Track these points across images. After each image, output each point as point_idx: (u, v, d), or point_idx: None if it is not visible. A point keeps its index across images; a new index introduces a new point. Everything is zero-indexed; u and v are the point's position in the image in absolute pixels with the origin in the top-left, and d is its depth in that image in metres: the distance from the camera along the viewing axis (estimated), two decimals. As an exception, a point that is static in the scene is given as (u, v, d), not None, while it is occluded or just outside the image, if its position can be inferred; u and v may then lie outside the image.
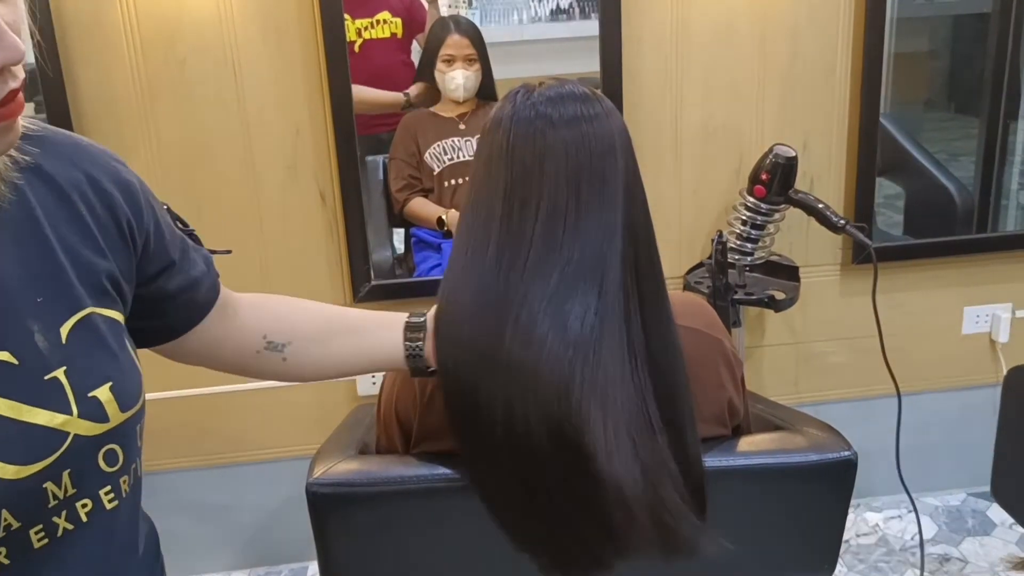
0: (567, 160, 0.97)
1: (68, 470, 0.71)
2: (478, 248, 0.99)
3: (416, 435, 1.12)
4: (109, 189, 0.79)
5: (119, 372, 0.76)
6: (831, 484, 1.10)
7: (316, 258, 2.02)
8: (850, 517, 2.29)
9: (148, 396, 1.50)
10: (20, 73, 0.64)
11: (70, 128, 1.83)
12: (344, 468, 1.09)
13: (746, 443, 1.12)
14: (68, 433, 0.71)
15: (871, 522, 2.30)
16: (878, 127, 2.06)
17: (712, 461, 1.07)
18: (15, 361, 0.69)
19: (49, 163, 0.76)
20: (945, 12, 2.53)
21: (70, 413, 0.71)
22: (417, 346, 1.01)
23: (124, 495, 0.78)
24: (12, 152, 0.72)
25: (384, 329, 1.03)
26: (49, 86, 1.81)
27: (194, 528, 2.21)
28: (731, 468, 1.08)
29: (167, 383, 2.07)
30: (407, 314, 1.03)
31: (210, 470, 2.17)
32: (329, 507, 1.07)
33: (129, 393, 0.76)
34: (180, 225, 0.95)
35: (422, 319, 1.02)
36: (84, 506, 0.74)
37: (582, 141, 0.97)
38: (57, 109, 1.82)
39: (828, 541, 1.14)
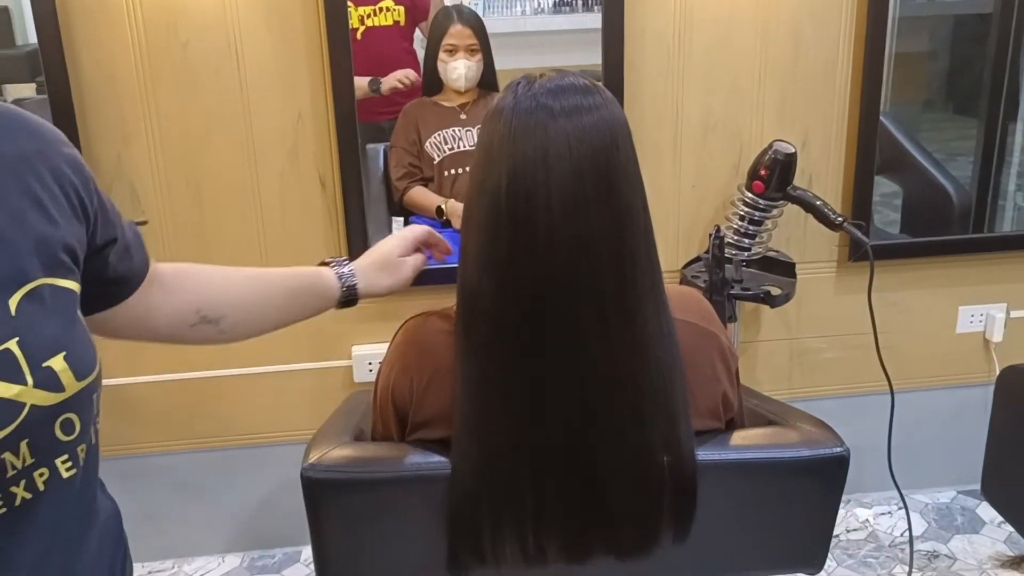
0: (569, 151, 0.97)
1: (26, 440, 0.72)
2: (489, 240, 1.00)
3: (412, 423, 1.13)
4: (57, 162, 0.80)
5: (72, 342, 0.76)
6: (822, 480, 1.11)
7: (315, 244, 2.03)
8: (840, 512, 2.31)
9: (145, 379, 1.51)
10: None
11: (71, 110, 1.83)
12: (339, 454, 1.10)
13: (739, 437, 1.12)
14: (24, 404, 0.71)
15: (861, 518, 2.31)
16: (878, 126, 2.07)
17: (705, 454, 1.08)
18: None
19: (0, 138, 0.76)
20: (946, 12, 2.53)
21: (24, 383, 0.71)
22: (348, 274, 1.17)
23: (81, 463, 0.78)
24: None
25: (310, 275, 1.14)
26: (51, 68, 1.81)
27: (189, 511, 2.22)
28: (723, 462, 1.09)
29: (162, 366, 2.07)
30: (326, 264, 1.17)
31: (205, 453, 2.17)
32: (324, 493, 1.08)
33: (84, 362, 0.76)
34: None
35: (344, 266, 1.17)
36: (41, 475, 0.74)
37: (583, 132, 0.98)
38: (59, 91, 1.82)
39: (818, 536, 1.15)
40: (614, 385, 1.02)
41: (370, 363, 2.10)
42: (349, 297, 1.18)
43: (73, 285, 0.79)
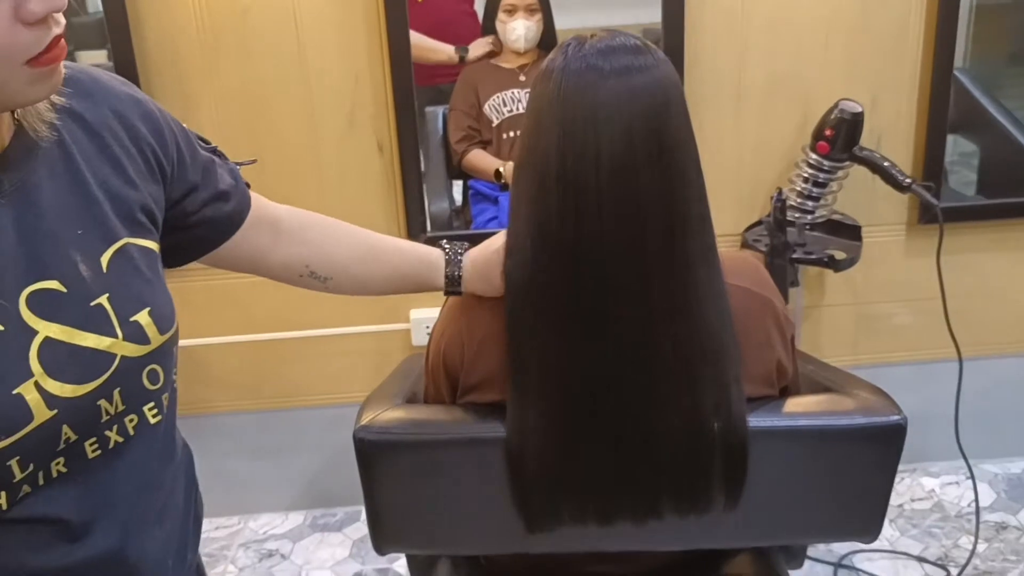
0: (619, 112, 0.96)
1: (118, 388, 0.77)
2: (538, 202, 0.99)
3: (463, 386, 1.14)
4: (134, 122, 0.83)
5: (155, 298, 0.81)
6: (878, 448, 1.09)
7: (373, 208, 2.04)
8: (906, 482, 2.26)
9: (211, 340, 1.56)
10: (62, 20, 0.67)
11: (136, 77, 1.87)
12: (390, 417, 1.11)
13: (792, 404, 1.10)
14: (115, 355, 0.76)
15: (927, 487, 2.26)
16: (951, 83, 1.99)
17: (756, 421, 1.06)
18: (63, 288, 0.74)
19: (78, 102, 0.79)
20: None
21: (116, 336, 0.76)
22: (456, 277, 1.12)
23: (164, 410, 0.84)
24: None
25: (422, 264, 1.13)
26: (116, 35, 1.85)
27: (255, 469, 2.28)
28: (776, 429, 1.07)
29: (228, 328, 2.12)
30: (443, 249, 1.14)
31: (270, 413, 2.23)
32: (375, 454, 1.10)
33: (165, 317, 0.81)
34: (203, 143, 0.98)
35: (459, 267, 1.12)
36: (131, 421, 0.80)
37: (634, 93, 0.96)
38: (123, 58, 1.86)
39: (873, 506, 1.13)
40: (663, 349, 1.01)
41: (427, 326, 2.11)
42: (451, 294, 1.16)
43: (152, 244, 0.84)
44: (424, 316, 2.12)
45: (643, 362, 1.02)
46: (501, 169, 2.16)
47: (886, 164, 1.84)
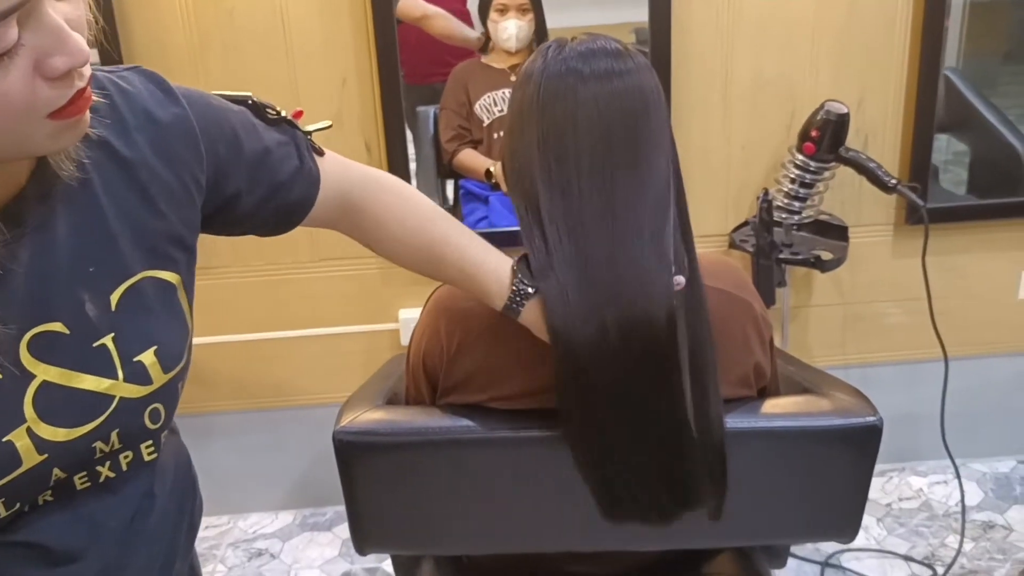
0: (598, 115, 0.96)
1: (116, 430, 0.76)
2: (530, 199, 1.00)
3: (442, 387, 1.14)
4: (171, 146, 0.79)
5: (165, 335, 0.79)
6: (855, 449, 1.09)
7: (362, 208, 2.04)
8: (894, 481, 2.27)
9: (201, 340, 1.53)
10: (87, 71, 0.64)
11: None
12: (369, 417, 1.12)
13: (770, 405, 1.11)
14: (114, 396, 0.74)
15: (915, 486, 2.27)
16: (938, 83, 1.99)
17: (734, 422, 1.07)
18: (66, 331, 0.72)
19: (114, 136, 0.75)
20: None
21: (116, 378, 0.74)
22: (517, 304, 1.01)
23: (161, 446, 0.82)
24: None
25: (477, 289, 1.04)
26: (104, 37, 1.85)
27: (244, 469, 2.29)
28: (752, 430, 1.08)
29: (218, 328, 2.13)
30: (513, 268, 1.02)
31: (259, 413, 2.23)
32: (354, 455, 1.10)
33: (173, 355, 0.79)
34: (271, 113, 0.93)
35: (524, 301, 1.01)
36: (126, 457, 0.79)
37: (612, 97, 0.97)
38: (110, 59, 1.86)
39: (851, 505, 1.13)
40: (640, 352, 1.01)
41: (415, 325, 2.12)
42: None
43: (172, 276, 0.80)
44: (413, 316, 2.12)
45: (621, 363, 1.02)
46: (492, 168, 2.16)
47: (872, 165, 1.85)
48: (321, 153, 0.99)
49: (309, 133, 0.98)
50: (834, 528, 1.16)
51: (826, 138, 1.83)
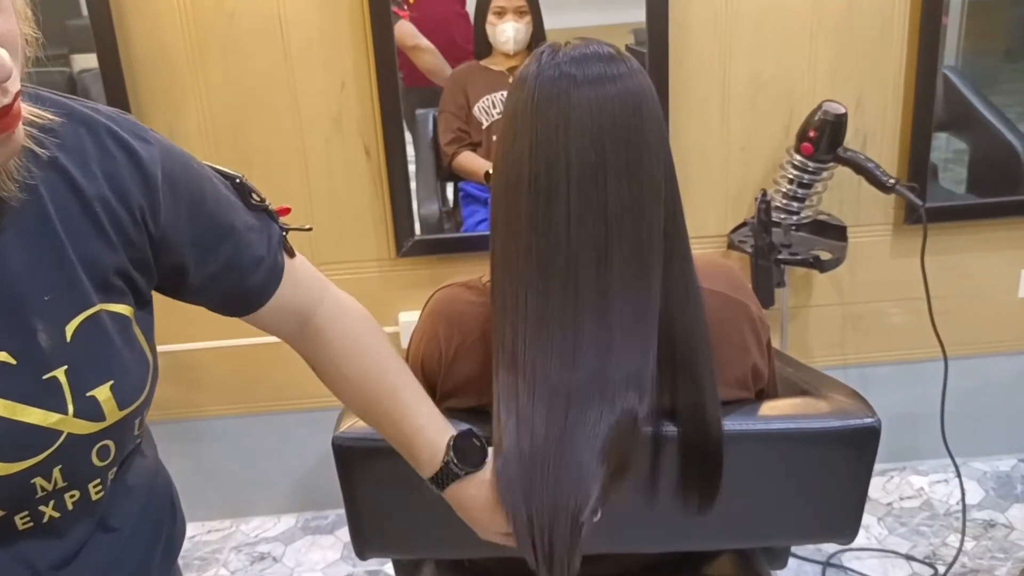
0: (591, 120, 0.97)
1: (59, 466, 0.72)
2: (512, 207, 1.01)
3: (440, 392, 1.15)
4: (126, 185, 0.76)
5: (122, 370, 0.75)
6: (853, 450, 1.09)
7: (361, 212, 2.05)
8: (894, 480, 2.27)
9: (202, 345, 1.55)
10: (13, 87, 0.61)
11: (122, 82, 1.88)
12: (368, 422, 1.12)
13: (767, 407, 1.11)
14: (61, 432, 0.71)
15: (916, 486, 2.27)
16: (936, 83, 1.99)
17: (731, 424, 1.07)
18: (12, 361, 0.69)
19: (66, 155, 0.73)
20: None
21: (65, 412, 0.71)
22: (441, 482, 1.00)
23: (109, 484, 0.79)
24: (32, 146, 0.69)
25: (424, 449, 1.01)
26: (102, 40, 1.86)
27: (246, 473, 2.29)
28: (750, 432, 1.08)
29: (218, 332, 2.13)
30: (448, 443, 1.00)
31: (261, 417, 2.24)
32: (354, 459, 1.11)
33: (129, 391, 0.76)
34: (255, 198, 0.89)
35: (461, 475, 1.00)
36: (72, 496, 0.75)
37: (605, 101, 0.97)
38: (110, 63, 1.87)
39: (849, 507, 1.13)
40: (635, 354, 1.02)
41: (414, 329, 2.12)
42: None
43: (125, 309, 0.77)
44: (413, 319, 2.12)
45: (616, 368, 1.03)
46: (491, 171, 2.16)
47: (870, 165, 1.85)
48: (292, 254, 0.94)
49: (287, 231, 0.94)
50: (833, 529, 1.16)
51: (824, 138, 1.83)
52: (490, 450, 1.03)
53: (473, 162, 2.21)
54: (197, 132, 1.95)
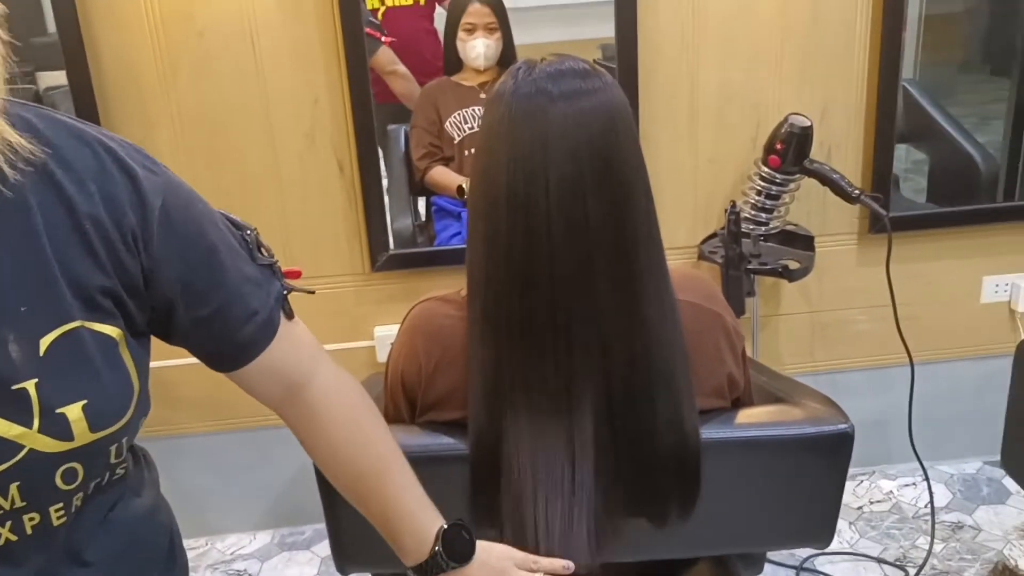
0: (568, 134, 0.98)
1: (17, 483, 0.70)
2: (490, 223, 1.02)
3: (421, 405, 1.16)
4: (123, 208, 0.75)
5: (99, 390, 0.73)
6: (827, 456, 1.12)
7: (335, 227, 2.06)
8: (864, 484, 2.31)
9: (176, 362, 1.54)
10: None
11: (92, 99, 1.87)
12: (350, 437, 1.12)
13: (743, 415, 1.13)
14: (23, 446, 0.69)
15: (885, 489, 2.31)
16: (897, 95, 2.04)
17: (708, 433, 1.09)
18: None
19: (64, 171, 0.72)
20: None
21: (30, 426, 0.69)
22: (438, 566, 0.98)
23: (73, 511, 0.76)
24: (17, 146, 0.69)
25: (409, 537, 1.00)
26: (71, 57, 1.85)
27: (221, 490, 2.28)
28: (727, 440, 1.10)
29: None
30: (438, 533, 0.99)
31: (236, 434, 2.22)
32: (336, 474, 1.11)
33: (106, 413, 0.73)
34: (263, 254, 0.88)
35: (460, 561, 0.99)
36: (31, 519, 0.73)
37: (581, 116, 0.99)
38: (80, 80, 1.86)
39: (825, 512, 1.16)
40: (615, 366, 1.04)
41: (392, 344, 2.12)
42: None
43: (112, 331, 0.75)
44: (388, 333, 2.13)
45: (597, 378, 1.04)
46: (464, 185, 2.18)
47: (835, 176, 1.89)
48: (291, 316, 0.91)
49: (289, 291, 0.92)
50: (810, 534, 1.18)
51: (791, 151, 1.87)
52: (479, 544, 1.02)
53: (446, 176, 2.23)
54: (169, 149, 1.95)
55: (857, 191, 1.86)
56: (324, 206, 2.04)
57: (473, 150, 2.17)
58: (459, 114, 2.20)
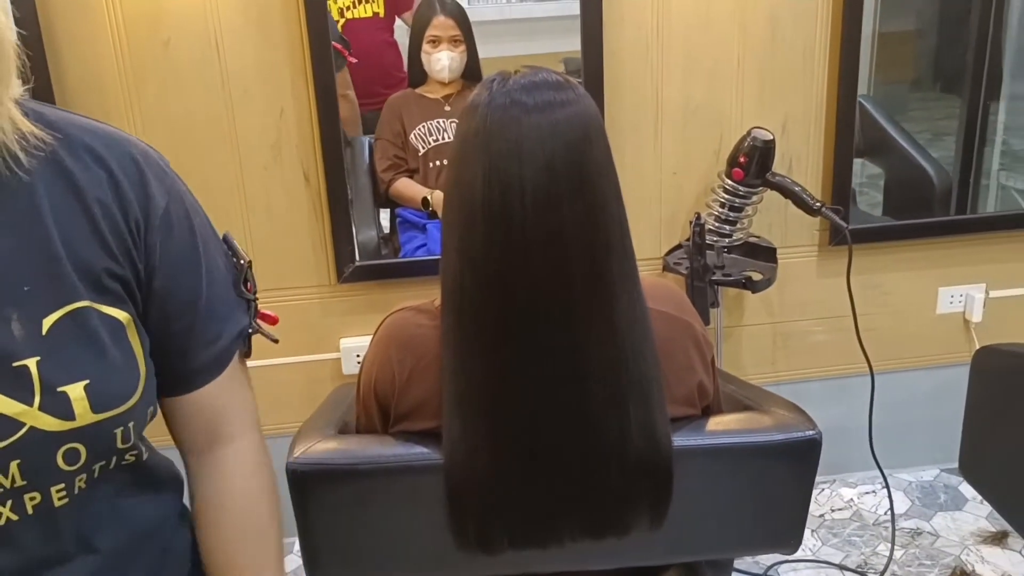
0: (542, 146, 0.99)
1: (17, 460, 0.70)
2: (466, 234, 1.02)
3: (395, 415, 1.15)
4: (129, 197, 0.76)
5: (102, 371, 0.73)
6: (795, 462, 1.14)
7: (301, 239, 2.04)
8: (825, 492, 2.34)
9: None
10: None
11: (54, 109, 1.84)
12: (324, 447, 1.12)
13: (714, 423, 1.15)
14: (24, 424, 0.69)
15: (845, 497, 2.35)
16: (855, 110, 2.09)
17: (680, 440, 1.10)
18: None
19: (71, 158, 0.74)
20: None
21: (31, 404, 0.69)
22: None
23: (76, 492, 0.75)
24: (28, 134, 0.71)
25: None
26: (34, 66, 1.82)
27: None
28: (698, 447, 1.12)
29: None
30: None
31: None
32: (309, 485, 1.11)
33: (109, 395, 0.73)
34: (247, 288, 0.89)
35: None
36: (32, 499, 0.72)
37: (556, 127, 1.00)
38: (41, 90, 1.83)
39: (793, 518, 1.18)
40: (590, 374, 1.05)
41: (358, 355, 2.12)
42: None
43: (120, 315, 0.76)
44: (354, 345, 2.12)
45: (572, 387, 1.05)
46: (429, 197, 2.18)
47: (797, 189, 1.93)
48: (247, 355, 0.91)
49: (254, 331, 0.92)
50: (779, 539, 1.20)
51: (754, 164, 1.91)
52: None
53: (411, 188, 2.23)
54: (132, 159, 1.92)
55: (818, 203, 1.90)
56: (290, 217, 2.03)
57: (445, 161, 2.18)
58: (424, 126, 2.21)
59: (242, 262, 0.89)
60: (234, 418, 0.91)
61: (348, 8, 2.18)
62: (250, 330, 0.90)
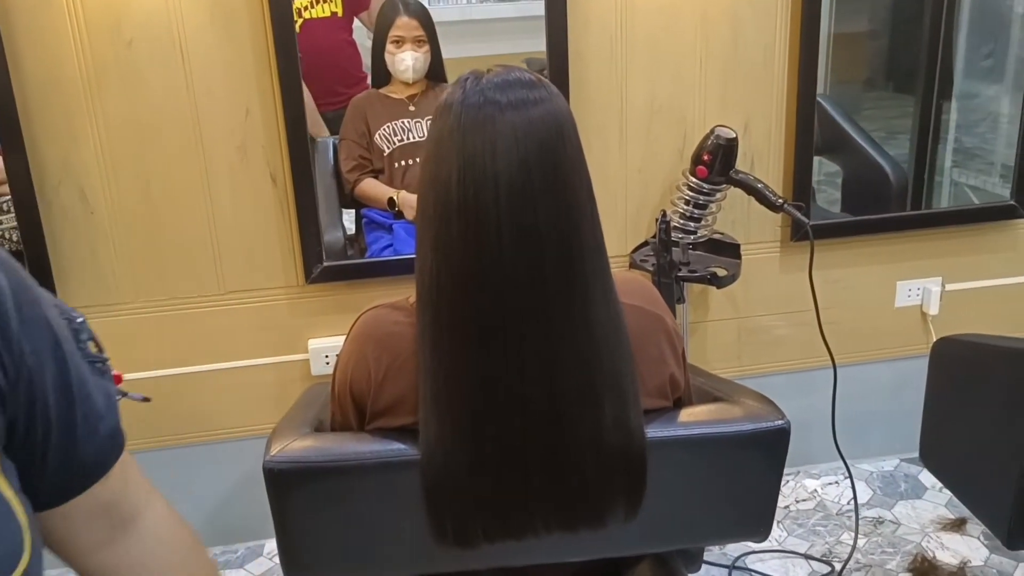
0: (516, 144, 1.01)
1: None
2: (441, 231, 1.03)
3: (370, 412, 1.16)
4: None
5: None
6: (765, 452, 1.17)
7: (268, 240, 2.04)
8: (789, 484, 2.38)
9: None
10: None
11: (14, 111, 1.82)
12: (300, 445, 1.13)
13: (686, 414, 1.17)
14: None
15: (809, 488, 2.40)
16: (815, 108, 2.13)
17: (653, 432, 1.12)
18: None
19: None
20: (884, -11, 2.60)
21: None
22: None
23: None
24: None
25: None
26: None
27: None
28: (671, 438, 1.14)
29: (123, 366, 2.06)
30: None
31: (165, 451, 2.17)
32: (287, 483, 1.11)
33: None
34: (93, 348, 0.72)
35: None
36: None
37: (530, 125, 1.02)
38: (1, 90, 1.80)
39: (763, 506, 1.21)
40: (565, 369, 1.06)
41: (327, 356, 2.12)
42: None
43: None
44: (322, 346, 2.12)
45: (547, 380, 1.07)
46: (395, 197, 2.18)
47: (760, 186, 1.96)
48: (121, 442, 0.75)
49: (121, 396, 0.79)
50: (749, 528, 1.23)
51: (717, 162, 1.94)
52: None
53: (376, 188, 2.23)
54: (95, 161, 1.90)
55: (780, 200, 1.94)
56: (256, 218, 2.02)
57: (410, 161, 2.19)
58: (388, 126, 2.21)
59: (78, 321, 0.72)
60: (138, 494, 0.77)
61: (306, 8, 2.17)
62: (117, 396, 0.75)
